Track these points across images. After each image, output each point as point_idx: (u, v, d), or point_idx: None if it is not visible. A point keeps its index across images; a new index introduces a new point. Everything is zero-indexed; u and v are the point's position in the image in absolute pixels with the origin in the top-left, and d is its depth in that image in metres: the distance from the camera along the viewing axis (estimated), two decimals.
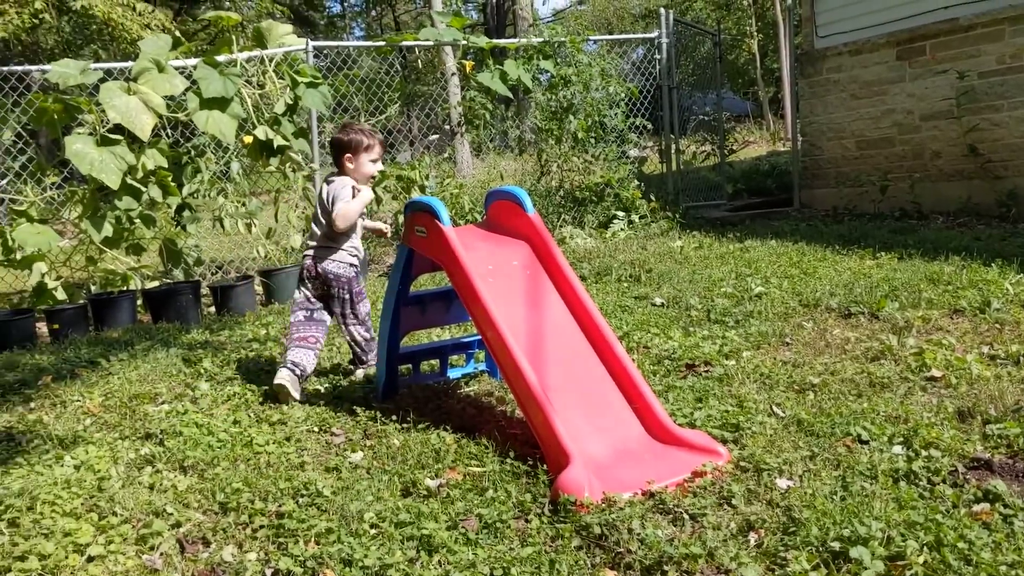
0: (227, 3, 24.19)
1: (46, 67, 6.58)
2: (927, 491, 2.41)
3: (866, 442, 2.76)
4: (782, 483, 2.50)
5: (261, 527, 2.49)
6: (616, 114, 8.51)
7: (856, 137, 8.46)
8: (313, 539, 2.38)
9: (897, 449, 2.68)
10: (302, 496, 2.66)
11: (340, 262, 3.90)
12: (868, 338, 3.94)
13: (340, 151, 3.89)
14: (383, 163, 4.00)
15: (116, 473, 2.96)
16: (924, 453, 2.61)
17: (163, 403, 3.77)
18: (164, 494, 2.76)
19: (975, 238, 6.04)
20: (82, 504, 2.70)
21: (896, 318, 4.17)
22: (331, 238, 3.89)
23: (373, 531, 2.40)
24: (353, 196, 3.83)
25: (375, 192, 7.50)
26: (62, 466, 3.03)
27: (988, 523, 2.19)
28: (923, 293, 4.50)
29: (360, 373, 4.02)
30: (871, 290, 4.68)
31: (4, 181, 7.08)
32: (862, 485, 2.42)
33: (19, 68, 7.09)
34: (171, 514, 2.61)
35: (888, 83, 8.08)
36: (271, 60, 6.71)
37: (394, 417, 3.30)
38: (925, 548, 2.07)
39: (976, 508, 2.27)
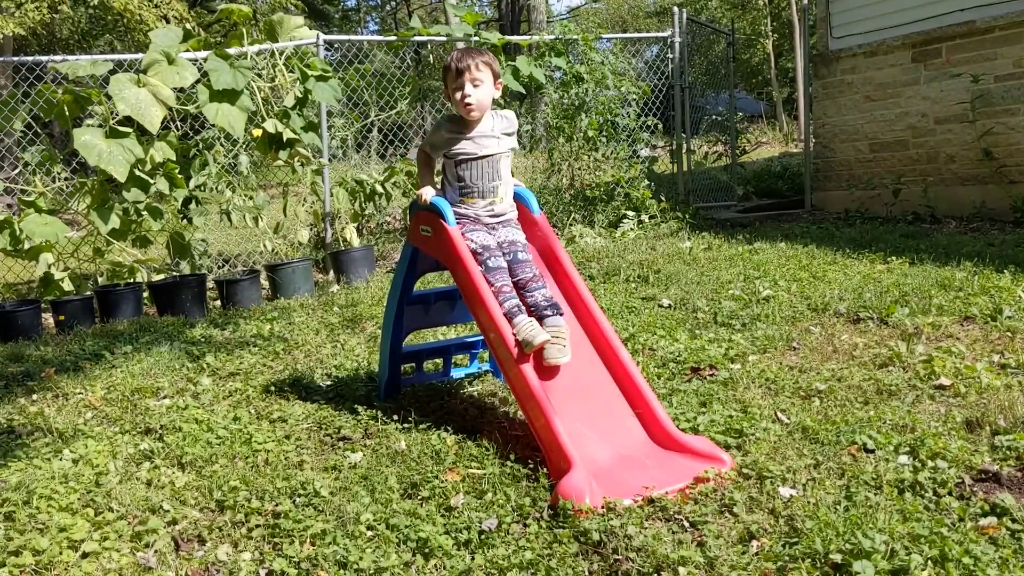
0: None
1: (55, 58, 6.58)
2: (933, 503, 2.36)
3: (872, 451, 2.72)
4: (785, 492, 2.46)
5: (257, 526, 2.47)
6: (628, 113, 8.46)
7: (869, 139, 8.38)
8: (309, 540, 2.36)
9: (903, 459, 2.63)
10: (299, 496, 2.64)
11: None
12: (876, 344, 3.89)
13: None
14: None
15: (114, 468, 2.94)
16: (931, 464, 2.57)
17: (165, 398, 3.76)
18: (161, 490, 2.75)
19: (988, 243, 5.97)
20: (79, 499, 2.69)
21: (906, 324, 4.11)
22: None
23: (369, 533, 2.38)
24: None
25: (383, 188, 7.48)
26: (61, 460, 3.02)
27: (995, 538, 2.14)
28: (934, 299, 4.44)
29: None
30: (881, 295, 4.62)
31: (15, 172, 7.08)
32: (866, 496, 2.38)
33: (29, 59, 7.09)
34: (167, 511, 2.59)
35: (902, 85, 8.00)
36: (281, 53, 6.70)
37: (395, 417, 3.27)
38: (929, 563, 2.03)
39: (983, 522, 2.23)
